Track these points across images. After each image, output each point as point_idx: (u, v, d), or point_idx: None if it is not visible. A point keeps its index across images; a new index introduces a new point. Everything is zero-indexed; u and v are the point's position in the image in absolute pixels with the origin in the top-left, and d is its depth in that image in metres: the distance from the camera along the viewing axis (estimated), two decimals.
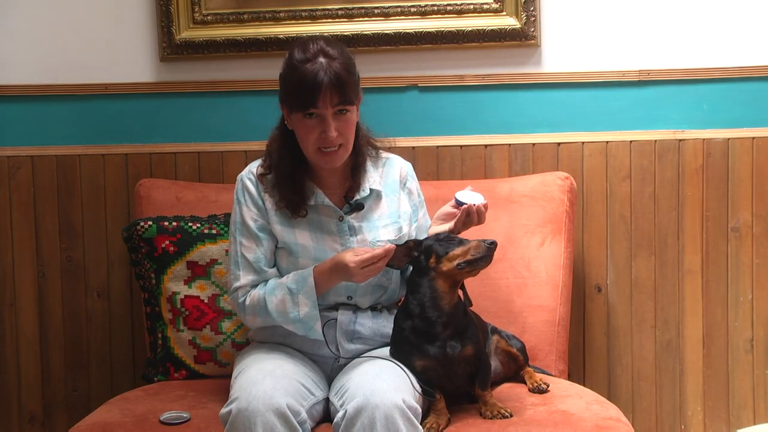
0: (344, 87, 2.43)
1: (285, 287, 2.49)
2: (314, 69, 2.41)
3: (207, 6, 3.13)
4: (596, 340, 3.13)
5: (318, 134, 2.45)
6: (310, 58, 2.43)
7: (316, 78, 2.40)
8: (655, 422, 3.13)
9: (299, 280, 2.48)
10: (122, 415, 2.55)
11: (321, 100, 2.41)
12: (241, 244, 2.54)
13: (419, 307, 2.44)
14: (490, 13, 3.08)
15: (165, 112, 3.16)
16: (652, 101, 3.09)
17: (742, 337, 3.11)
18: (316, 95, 2.41)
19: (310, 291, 2.46)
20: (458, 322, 2.44)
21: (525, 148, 3.10)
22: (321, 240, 2.53)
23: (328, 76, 2.40)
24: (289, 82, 2.46)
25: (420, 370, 2.42)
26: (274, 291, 2.49)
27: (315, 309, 2.46)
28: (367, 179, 2.58)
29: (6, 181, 3.17)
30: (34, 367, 3.22)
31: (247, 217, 2.55)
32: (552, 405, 2.50)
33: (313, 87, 2.40)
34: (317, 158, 2.49)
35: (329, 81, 2.40)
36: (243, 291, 2.54)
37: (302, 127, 2.46)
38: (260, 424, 2.23)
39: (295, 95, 2.44)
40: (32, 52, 3.16)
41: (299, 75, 2.42)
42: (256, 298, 2.51)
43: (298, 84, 2.42)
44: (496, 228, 2.91)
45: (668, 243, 3.10)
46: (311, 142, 2.46)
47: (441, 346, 2.43)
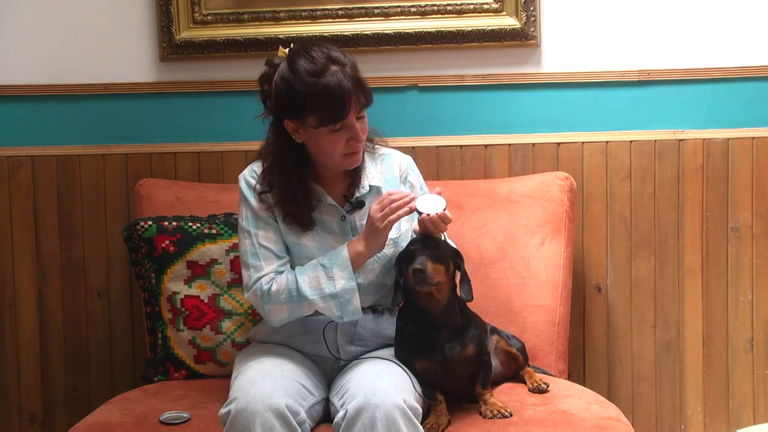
0: (364, 88, 2.40)
1: (317, 264, 2.45)
2: (336, 80, 2.35)
3: (207, 6, 3.13)
4: (596, 340, 3.13)
5: (345, 142, 2.41)
6: (322, 68, 2.37)
7: (341, 88, 2.35)
8: (655, 422, 3.13)
9: (332, 255, 2.44)
10: (122, 415, 2.55)
11: (351, 109, 2.37)
12: (257, 236, 2.49)
13: (411, 312, 2.45)
14: (490, 13, 3.08)
15: (165, 112, 3.16)
16: (652, 101, 3.09)
17: (742, 337, 3.11)
18: (346, 105, 2.36)
19: (345, 263, 2.42)
20: (454, 323, 2.44)
21: (525, 148, 3.10)
22: (323, 240, 2.51)
23: (350, 82, 2.36)
24: (309, 97, 2.37)
25: (420, 371, 2.42)
26: (305, 271, 2.45)
27: (352, 280, 2.41)
28: (366, 176, 2.56)
29: (6, 181, 3.17)
30: (34, 367, 3.22)
31: (258, 209, 2.51)
32: (552, 405, 2.49)
33: (342, 98, 2.35)
34: (342, 163, 2.46)
35: (352, 86, 2.36)
36: (268, 278, 2.47)
37: (328, 140, 2.41)
38: (259, 425, 2.22)
39: (323, 110, 2.36)
40: (32, 52, 3.16)
41: (322, 89, 2.35)
42: (284, 281, 2.45)
43: (324, 98, 2.35)
44: (496, 228, 2.91)
45: (668, 243, 3.10)
46: (338, 151, 2.42)
47: (440, 348, 2.43)
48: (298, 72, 2.38)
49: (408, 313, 2.47)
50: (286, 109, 2.43)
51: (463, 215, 2.92)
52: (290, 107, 2.42)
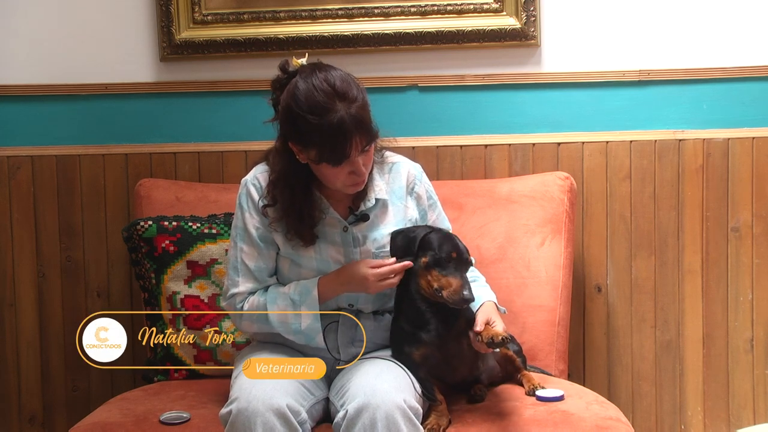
0: (368, 128, 2.35)
1: (288, 297, 2.47)
2: (337, 120, 2.29)
3: (207, 6, 3.13)
4: (596, 340, 3.13)
5: (346, 174, 2.38)
6: (325, 107, 2.30)
7: (343, 130, 2.29)
8: (655, 422, 3.13)
9: (303, 292, 2.45)
10: (122, 415, 2.55)
11: (351, 151, 2.33)
12: (241, 250, 2.51)
13: (408, 295, 2.44)
14: (490, 13, 3.08)
15: (165, 112, 3.16)
16: (652, 101, 3.09)
17: (742, 337, 3.11)
18: (347, 148, 2.32)
19: (314, 303, 2.44)
20: (448, 309, 2.42)
21: (525, 148, 3.10)
22: (324, 250, 2.50)
23: (353, 123, 2.30)
24: (311, 134, 2.32)
25: (419, 360, 2.42)
26: (276, 300, 2.47)
27: (317, 321, 2.44)
28: (373, 188, 2.52)
29: (6, 181, 3.17)
30: (34, 367, 3.22)
31: (249, 224, 2.50)
32: (552, 405, 2.49)
33: (343, 141, 2.30)
34: (344, 189, 2.43)
35: (355, 128, 2.30)
36: (241, 297, 2.50)
37: (329, 172, 2.38)
38: (260, 424, 2.22)
39: (324, 149, 2.33)
40: (32, 52, 3.16)
41: (324, 129, 2.30)
42: (255, 304, 2.49)
43: (325, 139, 2.31)
44: (496, 228, 2.92)
45: (668, 243, 3.10)
46: (340, 181, 2.40)
47: (434, 329, 2.42)
48: (302, 105, 2.33)
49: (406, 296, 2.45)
50: (290, 134, 2.40)
51: (463, 215, 2.92)
52: (294, 134, 2.38)
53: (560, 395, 2.51)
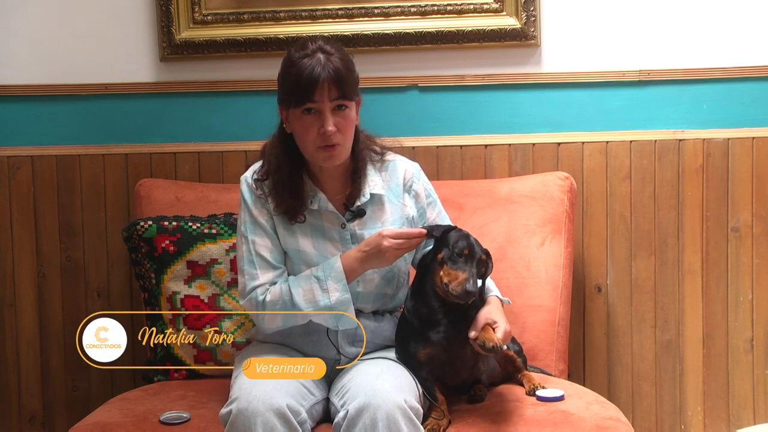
0: (342, 81, 2.41)
1: (311, 276, 2.45)
2: (312, 63, 2.39)
3: (207, 6, 3.13)
4: (596, 340, 3.13)
5: (317, 130, 2.41)
6: (308, 54, 2.41)
7: (313, 71, 2.38)
8: (655, 422, 3.13)
9: (326, 267, 2.44)
10: (122, 415, 2.55)
11: (318, 93, 2.38)
12: (254, 243, 2.50)
13: (422, 289, 2.44)
14: (490, 13, 3.08)
15: (165, 112, 3.16)
16: (652, 101, 3.09)
17: (742, 337, 3.11)
18: (313, 88, 2.38)
19: (339, 275, 2.42)
20: (459, 308, 2.42)
21: (525, 148, 3.10)
22: (322, 246, 2.51)
23: (326, 70, 2.38)
24: (287, 78, 2.43)
25: (424, 360, 2.41)
26: (299, 282, 2.45)
27: (346, 292, 2.42)
28: (368, 184, 2.54)
29: (6, 181, 3.17)
30: (34, 367, 3.22)
31: (257, 215, 2.51)
32: (552, 405, 2.49)
33: (310, 80, 2.38)
34: (316, 156, 2.45)
35: (327, 74, 2.38)
36: (263, 289, 2.48)
37: (300, 124, 2.43)
38: (260, 424, 2.22)
39: (293, 90, 2.41)
40: (32, 52, 3.16)
41: (297, 70, 2.40)
42: (278, 292, 2.46)
43: (296, 78, 2.40)
44: (496, 228, 2.92)
45: (668, 243, 3.10)
46: (311, 140, 2.43)
47: (444, 331, 2.42)
48: (288, 56, 2.45)
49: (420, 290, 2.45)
50: (279, 92, 2.48)
51: (463, 215, 2.92)
52: (279, 92, 2.48)
53: (560, 395, 2.51)
